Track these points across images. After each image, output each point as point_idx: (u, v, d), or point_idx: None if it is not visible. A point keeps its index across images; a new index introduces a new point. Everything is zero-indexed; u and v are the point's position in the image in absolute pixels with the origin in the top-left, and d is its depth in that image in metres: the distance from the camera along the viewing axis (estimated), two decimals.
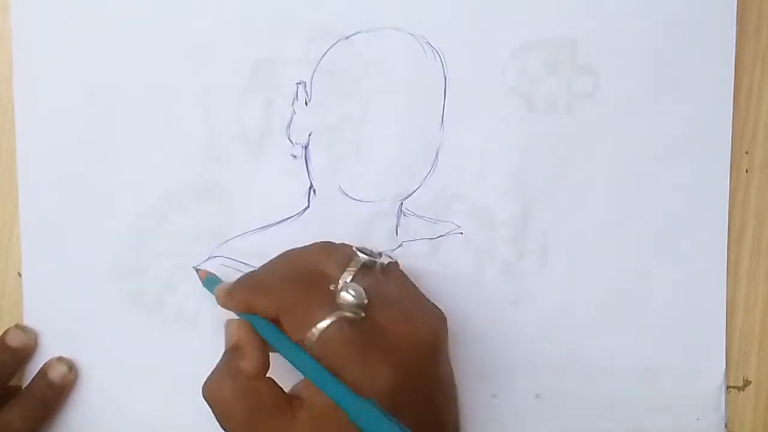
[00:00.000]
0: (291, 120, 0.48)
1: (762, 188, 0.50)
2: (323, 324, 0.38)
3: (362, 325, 0.39)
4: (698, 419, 0.49)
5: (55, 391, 0.47)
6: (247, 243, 0.48)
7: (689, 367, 0.48)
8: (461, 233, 0.49)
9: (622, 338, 0.49)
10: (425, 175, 0.49)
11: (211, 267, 0.48)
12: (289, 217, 0.49)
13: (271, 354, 0.40)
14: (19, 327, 0.47)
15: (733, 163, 0.49)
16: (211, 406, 0.39)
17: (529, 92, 0.48)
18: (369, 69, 0.48)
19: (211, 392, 0.40)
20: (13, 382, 0.48)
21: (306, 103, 0.48)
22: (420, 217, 0.49)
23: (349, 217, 0.49)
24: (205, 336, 0.48)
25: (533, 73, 0.48)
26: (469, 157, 0.49)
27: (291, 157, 0.49)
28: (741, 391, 0.49)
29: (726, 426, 0.49)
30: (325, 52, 0.48)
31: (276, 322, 0.40)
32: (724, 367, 0.49)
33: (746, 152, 0.49)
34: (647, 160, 0.49)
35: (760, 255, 0.50)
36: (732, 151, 0.49)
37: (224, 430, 0.39)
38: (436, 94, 0.48)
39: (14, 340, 0.47)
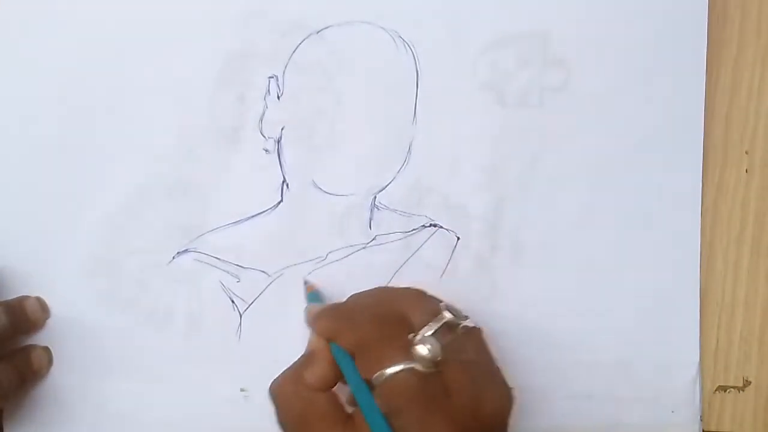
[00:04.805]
0: (263, 114, 0.48)
1: (762, 188, 0.50)
2: (393, 369, 0.38)
3: (431, 381, 0.39)
4: (673, 412, 0.49)
5: (32, 369, 0.47)
6: (221, 238, 0.48)
7: (663, 361, 0.48)
8: (435, 227, 0.49)
9: (595, 332, 0.49)
10: (398, 168, 0.49)
11: (184, 262, 0.48)
12: (262, 212, 0.48)
13: None
14: (39, 300, 0.48)
15: (733, 163, 0.50)
16: (273, 403, 0.41)
17: (500, 86, 0.48)
18: (341, 63, 0.48)
19: (274, 389, 0.41)
20: None
21: (278, 98, 0.48)
22: (393, 210, 0.49)
23: (323, 211, 0.49)
24: (178, 332, 0.48)
25: (505, 67, 0.48)
26: (441, 151, 0.49)
27: (263, 151, 0.48)
28: (741, 391, 0.49)
29: (701, 419, 0.49)
30: (297, 46, 0.48)
31: (353, 355, 0.41)
32: (698, 359, 0.49)
33: (746, 152, 0.50)
34: (619, 153, 0.49)
35: (760, 255, 0.50)
36: (732, 151, 0.49)
37: (280, 427, 0.41)
38: (408, 87, 0.48)
39: (30, 309, 0.47)
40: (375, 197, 0.49)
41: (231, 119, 0.48)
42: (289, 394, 0.41)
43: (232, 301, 0.48)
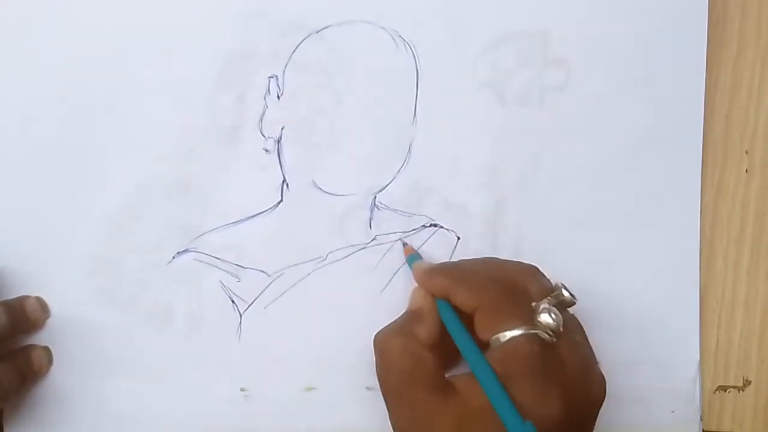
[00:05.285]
0: (263, 114, 0.48)
1: (762, 188, 0.50)
2: (514, 333, 0.38)
3: (550, 351, 0.39)
4: (673, 412, 0.49)
5: (33, 370, 0.47)
6: (221, 237, 0.48)
7: (663, 361, 0.48)
8: (435, 226, 0.49)
9: (595, 331, 0.48)
10: (398, 168, 0.49)
11: (184, 262, 0.48)
12: (262, 212, 0.48)
13: None
14: (39, 300, 0.47)
15: (733, 163, 0.50)
16: (377, 355, 0.41)
17: (501, 85, 0.48)
18: (341, 63, 0.48)
19: (382, 342, 0.41)
20: None
21: (278, 97, 0.48)
22: (393, 210, 0.49)
23: (323, 211, 0.48)
24: (178, 332, 0.48)
25: (505, 66, 0.48)
26: (441, 151, 0.49)
27: (263, 151, 0.48)
28: (741, 391, 0.49)
29: (701, 419, 0.49)
30: (297, 46, 0.48)
31: (465, 318, 0.40)
32: (698, 359, 0.49)
33: (746, 152, 0.50)
34: (620, 152, 0.49)
35: (760, 255, 0.50)
36: (732, 151, 0.49)
37: (380, 380, 0.41)
38: (408, 87, 0.48)
39: (30, 309, 0.47)
40: (375, 197, 0.49)
41: (231, 119, 0.48)
42: (400, 348, 0.40)
43: (232, 301, 0.48)
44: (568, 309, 0.43)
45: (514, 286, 0.41)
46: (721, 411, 0.49)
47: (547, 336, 0.39)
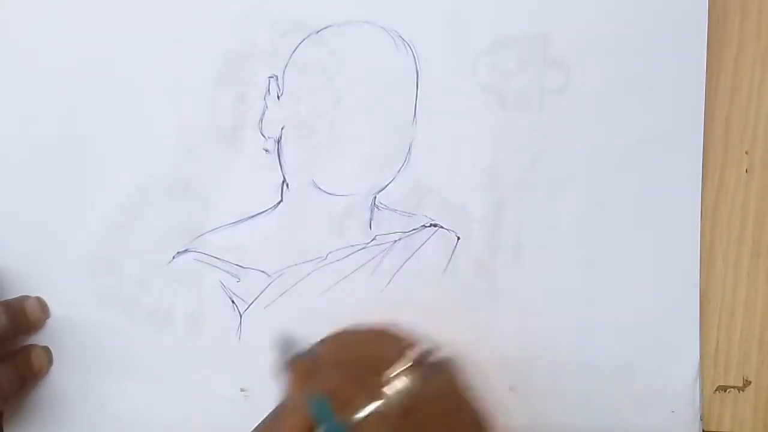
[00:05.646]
0: (263, 114, 0.48)
1: (762, 188, 0.50)
2: (365, 411, 0.38)
3: (402, 420, 0.38)
4: (673, 412, 0.49)
5: (33, 370, 0.47)
6: (221, 238, 0.48)
7: (663, 361, 0.48)
8: (435, 227, 0.49)
9: (595, 332, 0.48)
10: (398, 168, 0.49)
11: (184, 262, 0.48)
12: (262, 212, 0.48)
13: None
14: (39, 300, 0.47)
15: (733, 163, 0.49)
16: None
17: (500, 87, 0.48)
18: (341, 63, 0.48)
19: None
20: None
21: (278, 97, 0.48)
22: (393, 210, 0.49)
23: (323, 211, 0.48)
24: (178, 332, 0.48)
25: (505, 68, 0.48)
26: (442, 152, 0.48)
27: (263, 151, 0.48)
28: (741, 391, 0.49)
29: (701, 419, 0.49)
30: (297, 46, 0.48)
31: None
32: (698, 359, 0.49)
33: (746, 152, 0.50)
34: (620, 155, 0.49)
35: (760, 256, 0.50)
36: (732, 152, 0.49)
37: None
38: (408, 88, 0.48)
39: (30, 309, 0.47)
40: (375, 197, 0.49)
41: (231, 119, 0.48)
42: None
43: (232, 301, 0.48)
44: (440, 357, 0.42)
45: (365, 361, 0.41)
46: (721, 411, 0.49)
47: (396, 406, 0.39)
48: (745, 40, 0.50)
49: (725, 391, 0.49)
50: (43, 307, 0.47)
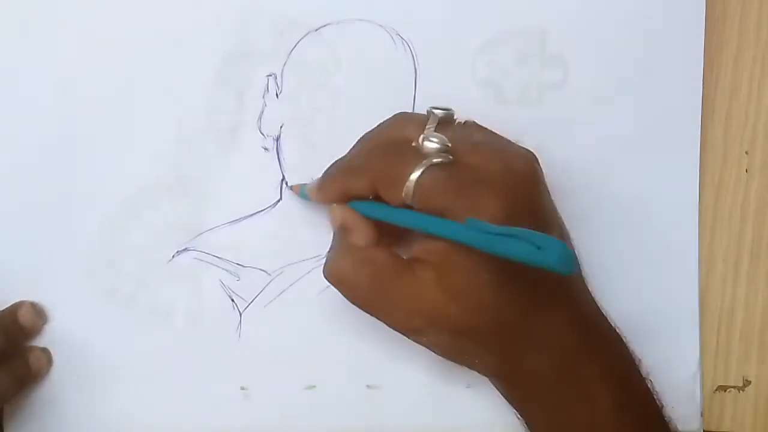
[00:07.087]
0: (262, 112, 0.48)
1: (762, 188, 0.49)
2: (414, 176, 0.38)
3: (453, 168, 0.39)
4: (673, 407, 0.48)
5: (31, 373, 0.47)
6: (220, 236, 0.48)
7: (663, 360, 0.48)
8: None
9: None
10: None
11: (184, 261, 0.48)
12: (261, 210, 0.48)
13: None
14: (34, 306, 0.47)
15: (732, 164, 0.49)
16: (336, 286, 0.41)
17: (499, 83, 0.48)
18: (339, 61, 0.48)
19: (332, 272, 0.41)
20: None
21: (277, 96, 0.48)
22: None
23: (322, 209, 0.48)
24: (178, 331, 0.48)
25: (503, 64, 0.48)
26: None
27: (263, 149, 0.48)
28: (741, 391, 0.49)
29: (702, 415, 0.49)
30: (296, 45, 0.48)
31: (375, 197, 0.41)
32: (698, 359, 0.49)
33: (746, 152, 0.49)
34: (617, 151, 0.48)
35: (760, 255, 0.49)
36: (732, 152, 0.49)
37: (359, 305, 0.41)
38: (406, 85, 0.48)
39: (23, 318, 0.46)
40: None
41: (230, 117, 0.48)
42: (351, 265, 0.41)
43: (232, 300, 0.48)
44: (463, 120, 0.43)
45: (394, 141, 0.42)
46: (721, 411, 0.49)
47: (442, 159, 0.39)
48: (745, 40, 0.49)
49: (725, 390, 0.49)
50: (38, 313, 0.47)
